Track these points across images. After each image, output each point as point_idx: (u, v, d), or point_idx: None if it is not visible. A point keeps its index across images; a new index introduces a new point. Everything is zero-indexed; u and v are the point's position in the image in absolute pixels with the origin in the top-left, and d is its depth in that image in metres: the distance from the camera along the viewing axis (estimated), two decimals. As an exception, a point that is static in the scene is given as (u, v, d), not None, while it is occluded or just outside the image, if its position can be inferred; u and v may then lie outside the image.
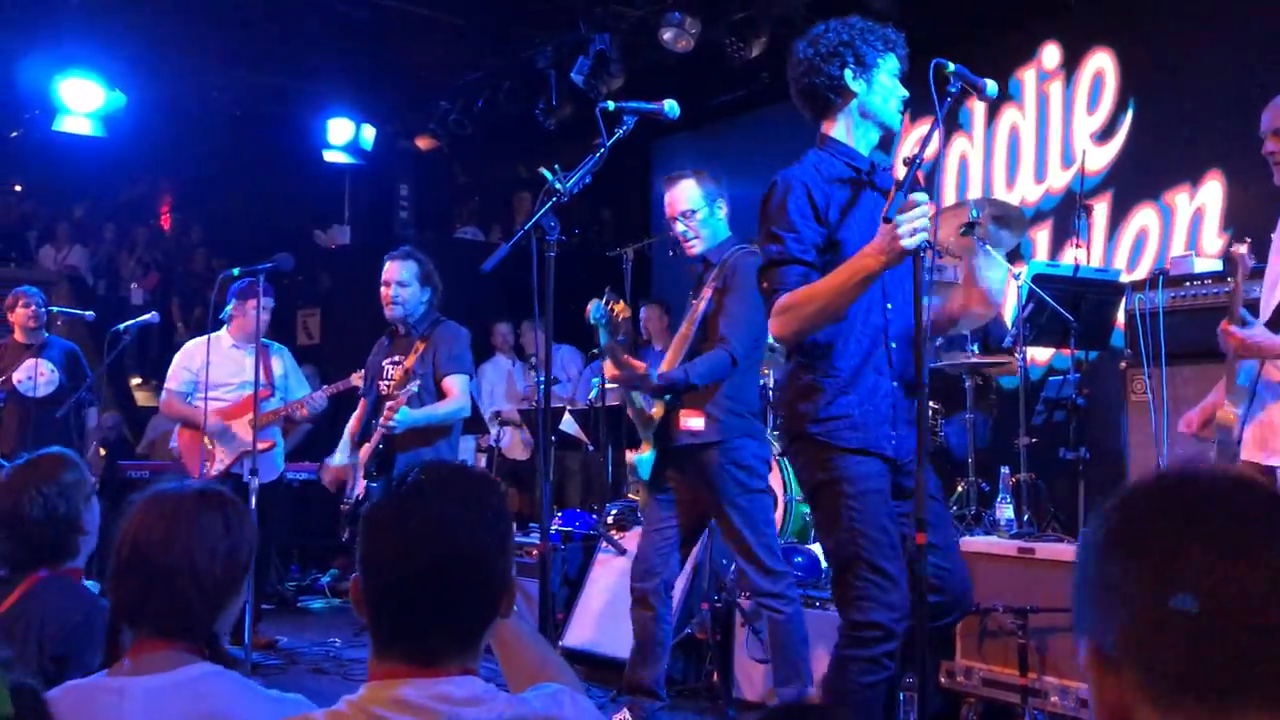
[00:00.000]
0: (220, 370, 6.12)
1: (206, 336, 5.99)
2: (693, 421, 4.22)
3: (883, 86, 3.03)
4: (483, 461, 8.59)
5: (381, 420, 4.88)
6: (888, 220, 2.57)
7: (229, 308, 6.25)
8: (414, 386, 4.87)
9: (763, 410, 6.53)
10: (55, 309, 7.30)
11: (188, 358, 6.30)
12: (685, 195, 4.27)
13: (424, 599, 1.47)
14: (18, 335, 6.94)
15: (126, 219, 13.18)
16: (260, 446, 6.04)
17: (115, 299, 11.87)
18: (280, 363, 6.34)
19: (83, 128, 8.76)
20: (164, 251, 13.14)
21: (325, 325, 10.59)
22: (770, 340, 6.03)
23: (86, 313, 7.42)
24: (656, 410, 4.36)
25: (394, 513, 1.52)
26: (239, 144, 10.33)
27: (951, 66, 2.86)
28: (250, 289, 6.02)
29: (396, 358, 5.16)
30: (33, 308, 6.88)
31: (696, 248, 4.32)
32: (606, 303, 4.17)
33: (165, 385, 6.33)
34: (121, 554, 1.88)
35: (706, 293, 4.28)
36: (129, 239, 13.00)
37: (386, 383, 5.15)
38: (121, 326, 6.62)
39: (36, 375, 6.75)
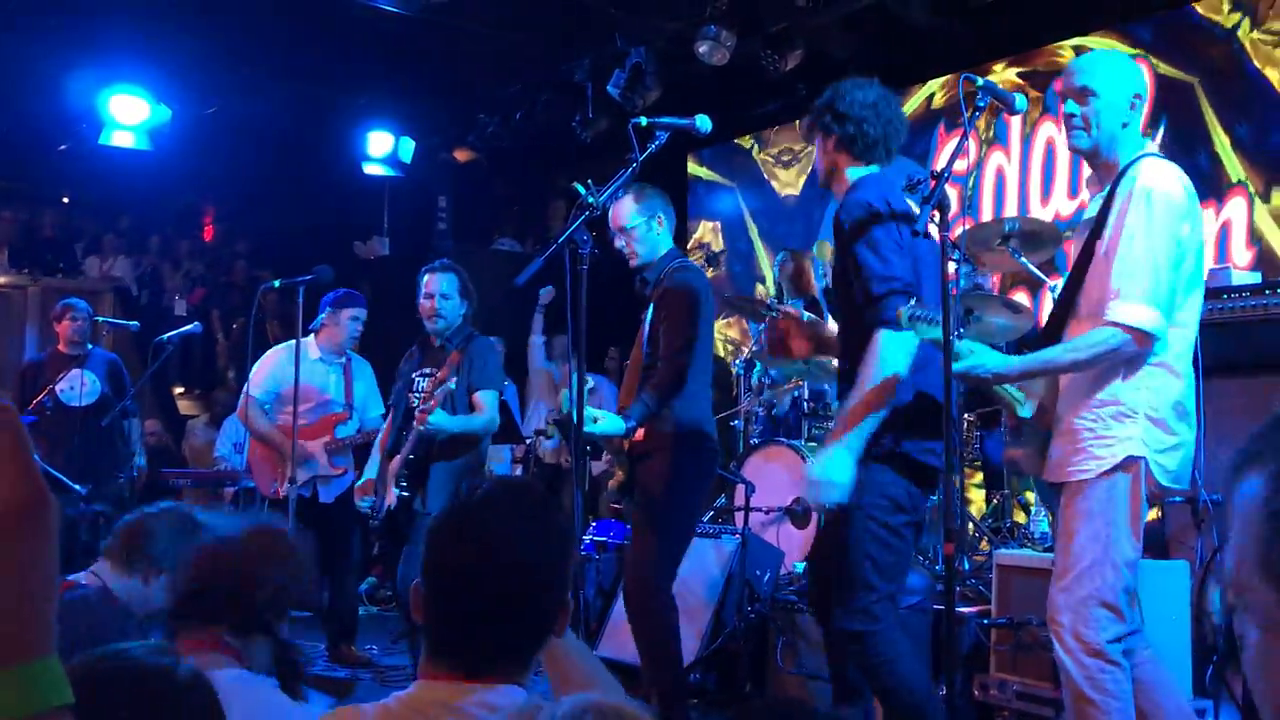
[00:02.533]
0: (304, 384, 5.96)
1: (295, 342, 5.66)
2: (641, 435, 4.20)
3: None
4: (519, 470, 8.66)
5: (416, 421, 4.90)
6: (915, 233, 2.60)
7: (321, 317, 6.11)
8: (451, 384, 4.89)
9: (796, 420, 6.56)
10: (101, 319, 7.43)
11: (275, 366, 6.09)
12: (622, 211, 4.24)
13: (482, 613, 1.52)
14: (62, 346, 7.06)
15: (171, 231, 13.39)
16: (333, 473, 6.10)
17: (158, 309, 12.05)
18: (363, 382, 6.26)
19: (129, 141, 8.94)
20: (206, 263, 13.33)
21: (364, 336, 10.67)
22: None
23: (131, 323, 7.56)
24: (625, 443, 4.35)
25: (460, 526, 1.56)
26: (280, 157, 10.47)
27: (980, 81, 2.88)
28: (346, 299, 6.02)
29: (428, 369, 5.20)
30: (80, 321, 7.00)
31: (634, 262, 4.32)
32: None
33: (246, 389, 6.11)
34: (198, 587, 2.06)
35: (649, 312, 4.28)
36: (173, 251, 13.20)
37: (417, 395, 5.18)
38: (165, 337, 6.72)
39: (80, 385, 6.86)
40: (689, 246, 9.67)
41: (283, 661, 2.12)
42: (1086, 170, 7.03)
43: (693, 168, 10.10)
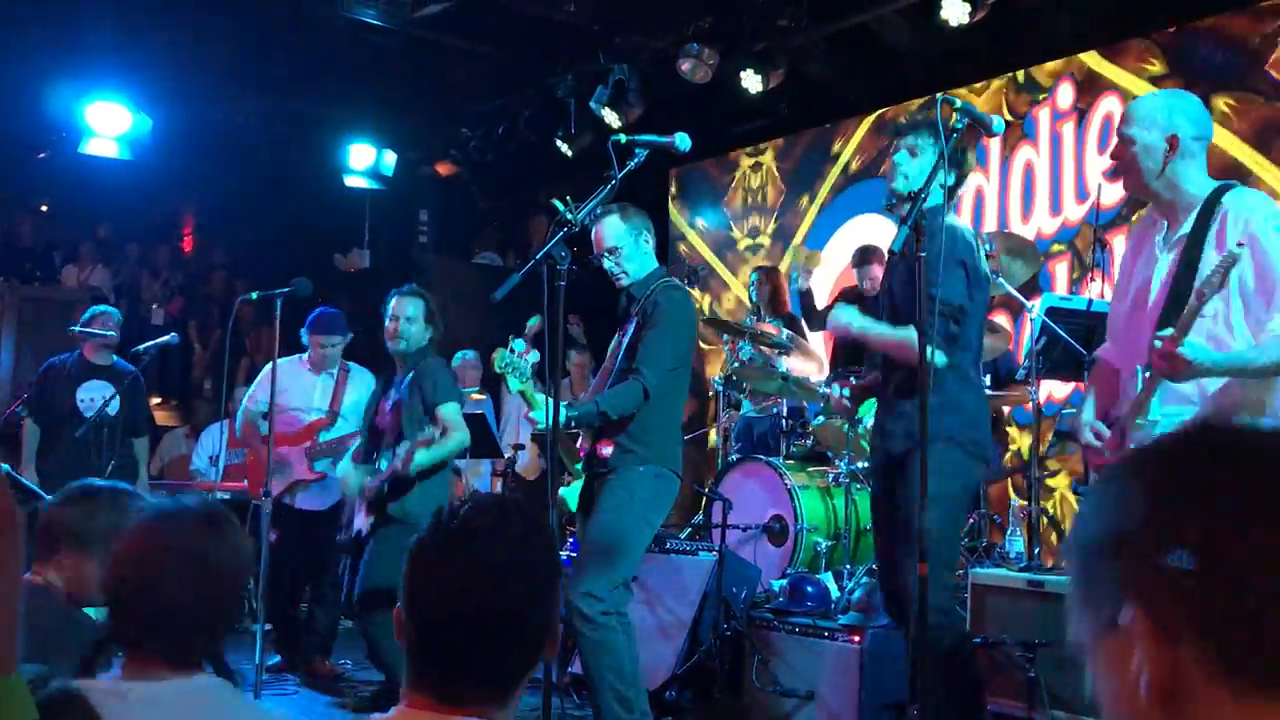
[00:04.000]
0: (295, 395, 6.12)
1: (274, 354, 5.70)
2: (604, 449, 4.20)
3: None
4: (498, 485, 8.62)
5: (402, 465, 4.91)
6: (893, 252, 2.62)
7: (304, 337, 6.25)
8: (434, 432, 4.92)
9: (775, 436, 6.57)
10: (78, 329, 7.37)
11: (265, 380, 6.15)
12: (609, 232, 4.23)
13: (466, 642, 1.46)
14: (87, 354, 6.90)
15: (149, 241, 13.33)
16: (309, 477, 6.11)
17: (136, 319, 11.98)
18: (356, 390, 6.26)
19: (108, 150, 8.90)
20: (185, 273, 13.27)
21: (347, 348, 10.65)
22: (783, 369, 6.09)
23: (109, 333, 7.48)
24: (582, 443, 4.35)
25: (442, 552, 1.50)
26: (261, 168, 10.45)
27: (958, 103, 2.91)
28: (318, 323, 6.13)
29: (390, 391, 5.30)
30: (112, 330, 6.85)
31: (623, 281, 4.32)
32: (511, 350, 4.17)
33: (244, 403, 6.33)
34: (119, 581, 1.82)
35: (629, 325, 4.28)
36: (151, 261, 13.13)
37: (380, 416, 5.29)
38: (141, 348, 6.67)
39: (99, 397, 6.74)
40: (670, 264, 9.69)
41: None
42: (1069, 189, 7.15)
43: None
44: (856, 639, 4.65)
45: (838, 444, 5.98)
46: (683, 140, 3.40)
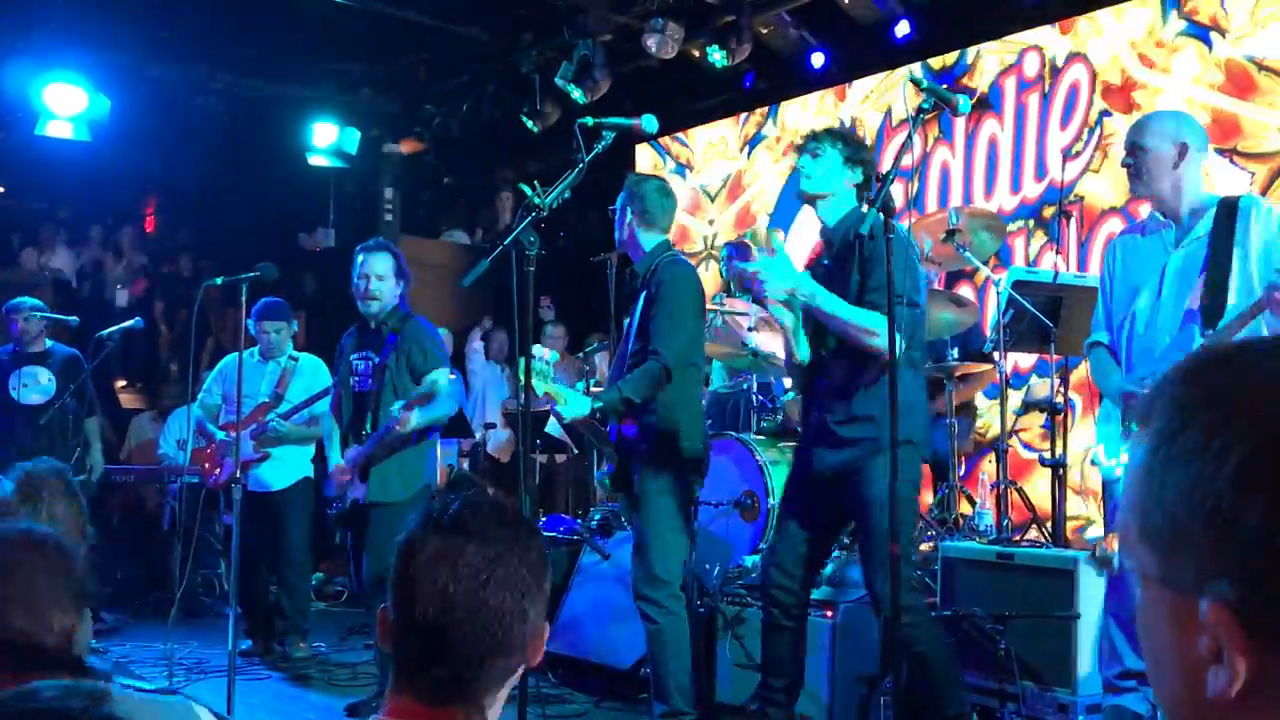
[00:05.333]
0: (245, 384, 6.11)
1: (241, 340, 5.60)
2: (631, 429, 4.24)
3: None
4: (466, 464, 8.61)
5: (399, 427, 4.83)
6: (861, 235, 2.62)
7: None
8: (428, 387, 4.86)
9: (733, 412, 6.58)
10: (39, 314, 7.28)
11: (219, 369, 6.53)
12: (620, 208, 4.34)
13: (455, 643, 1.45)
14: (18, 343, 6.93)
15: (112, 222, 13.16)
16: (254, 456, 6.12)
17: (100, 302, 11.85)
18: (303, 378, 6.29)
19: (66, 132, 8.75)
20: (149, 254, 13.12)
21: (310, 328, 10.59)
22: (753, 345, 6.10)
23: (70, 318, 7.40)
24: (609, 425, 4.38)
25: (431, 551, 1.48)
26: (223, 147, 10.33)
27: (925, 82, 2.92)
28: (263, 310, 6.20)
29: (367, 352, 5.14)
30: (26, 321, 6.86)
31: (633, 256, 4.38)
32: (530, 355, 4.19)
33: (200, 396, 6.45)
34: None
35: (637, 306, 4.30)
36: (114, 242, 12.97)
37: (356, 377, 5.14)
38: (106, 333, 6.61)
39: (31, 383, 6.75)
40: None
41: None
42: (1029, 167, 7.18)
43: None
44: (829, 613, 4.68)
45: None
46: (649, 122, 3.39)
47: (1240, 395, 0.72)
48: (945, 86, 7.24)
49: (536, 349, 3.87)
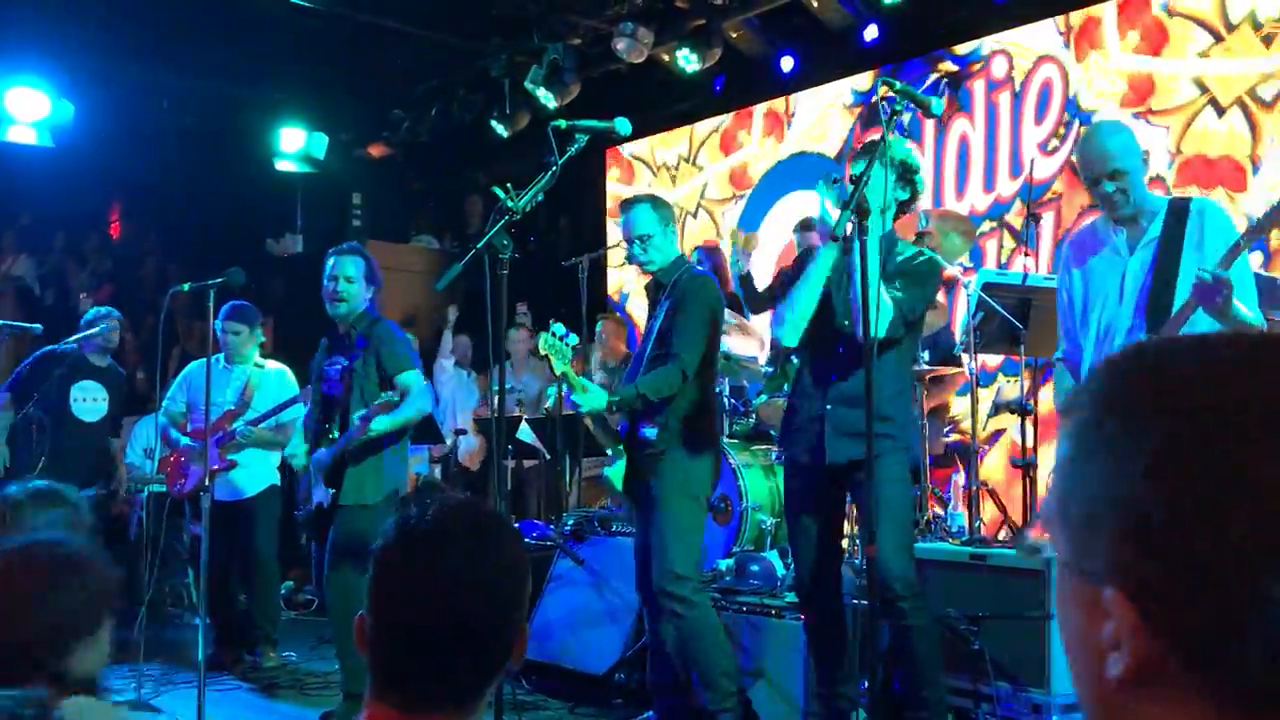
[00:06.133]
0: (213, 391, 6.06)
1: (208, 347, 5.62)
2: (647, 430, 4.33)
3: None
4: (437, 471, 8.55)
5: (359, 433, 4.82)
6: (835, 236, 2.62)
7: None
8: (394, 396, 4.84)
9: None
10: (1, 322, 7.19)
11: (181, 379, 6.46)
12: (641, 220, 4.39)
13: (434, 650, 1.42)
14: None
15: (76, 228, 13.00)
16: (220, 465, 6.04)
17: (64, 309, 11.70)
18: (269, 384, 6.26)
19: (29, 138, 8.65)
20: (114, 261, 12.97)
21: (278, 335, 10.50)
22: (725, 349, 6.10)
23: (34, 326, 7.30)
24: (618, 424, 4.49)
25: (408, 557, 1.46)
26: (189, 153, 10.23)
27: (898, 85, 2.92)
28: (228, 312, 6.12)
29: (338, 357, 5.11)
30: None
31: (649, 268, 4.45)
32: (553, 334, 4.24)
33: (164, 404, 6.35)
34: None
35: (660, 312, 4.41)
36: (78, 249, 12.82)
37: (327, 382, 5.11)
38: (72, 339, 6.54)
39: (88, 398, 6.76)
40: (611, 245, 9.65)
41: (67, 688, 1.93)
42: (1002, 166, 7.23)
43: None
44: (804, 616, 4.68)
45: (779, 422, 6.00)
46: (622, 125, 3.39)
47: (1158, 389, 0.73)
48: (961, 70, 7.34)
49: (558, 326, 3.93)
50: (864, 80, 8.14)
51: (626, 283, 9.50)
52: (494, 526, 1.52)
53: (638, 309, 8.96)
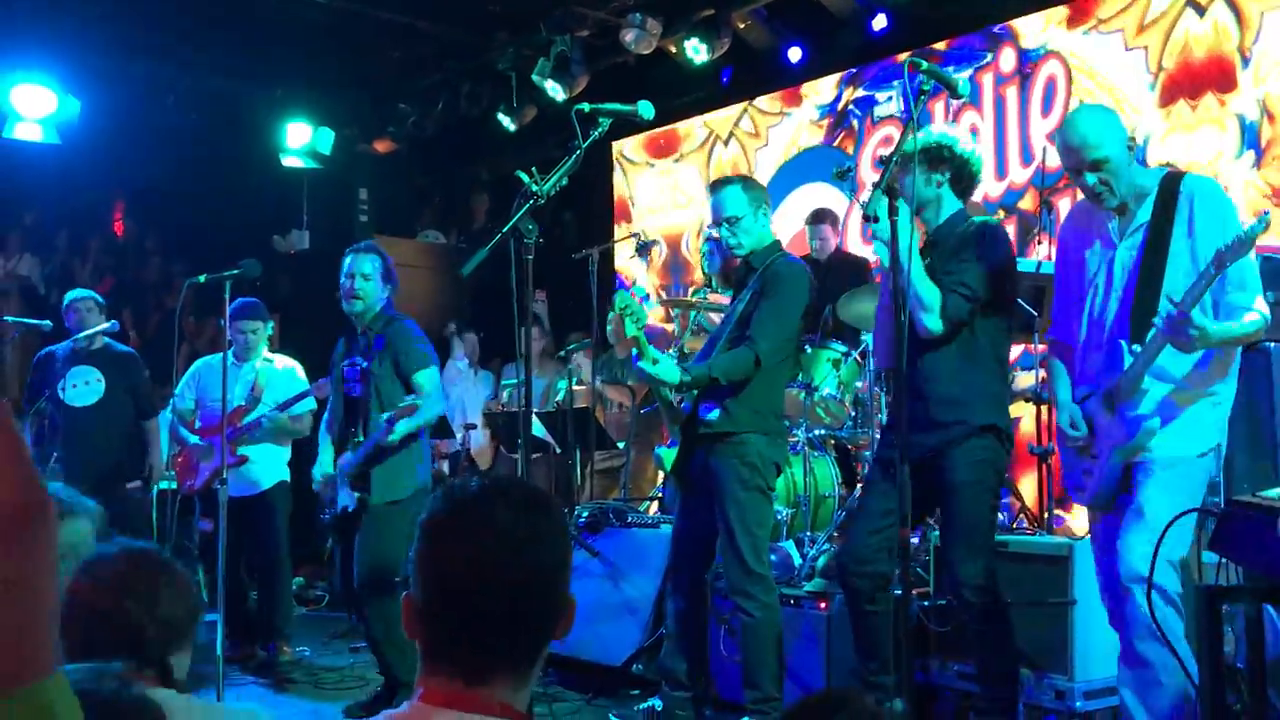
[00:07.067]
0: (218, 388, 5.98)
1: (226, 341, 5.63)
2: (708, 411, 4.26)
3: None
4: (445, 467, 8.52)
5: (384, 435, 4.80)
6: (870, 217, 2.60)
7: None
8: (416, 399, 4.82)
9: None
10: (9, 319, 7.16)
11: (192, 373, 6.43)
12: (731, 201, 4.31)
13: (486, 616, 1.43)
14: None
15: (80, 226, 12.98)
16: (230, 461, 6.01)
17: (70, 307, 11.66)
18: (278, 379, 6.23)
19: (35, 134, 8.61)
20: (118, 259, 12.94)
21: (284, 332, 10.47)
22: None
23: (44, 322, 7.28)
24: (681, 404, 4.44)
25: (456, 526, 1.46)
26: (195, 149, 10.19)
27: (925, 65, 2.89)
28: (237, 310, 5.99)
29: (355, 358, 5.09)
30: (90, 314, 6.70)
31: (739, 251, 4.37)
32: (631, 294, 4.21)
33: (173, 401, 6.32)
34: (69, 613, 1.89)
35: (745, 294, 4.34)
36: (82, 247, 12.79)
37: (347, 383, 5.10)
38: (81, 336, 6.51)
39: (80, 383, 6.60)
40: (619, 239, 9.63)
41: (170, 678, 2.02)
42: (1014, 153, 7.21)
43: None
44: (823, 605, 4.67)
45: (795, 412, 5.98)
46: (645, 108, 3.37)
47: None
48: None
49: (636, 286, 3.89)
50: (828, 91, 8.22)
51: (639, 277, 9.47)
52: (537, 495, 1.53)
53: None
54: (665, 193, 9.57)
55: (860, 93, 8.11)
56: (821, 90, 8.29)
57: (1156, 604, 3.13)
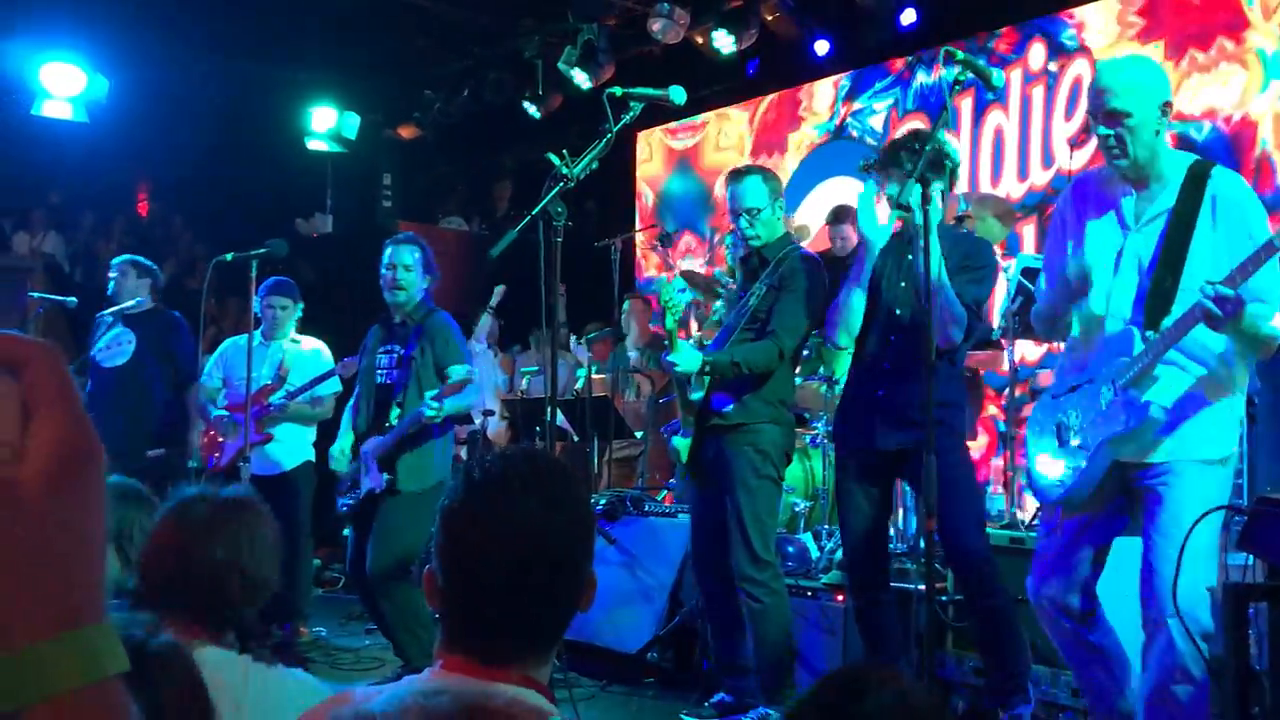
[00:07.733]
0: (245, 367, 6.04)
1: (251, 320, 5.80)
2: (722, 402, 4.29)
3: None
4: (463, 452, 8.52)
5: (428, 413, 4.81)
6: (903, 205, 2.59)
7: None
8: (464, 374, 4.89)
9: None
10: (36, 294, 7.19)
11: (219, 353, 6.50)
12: (751, 192, 4.32)
13: (507, 593, 1.41)
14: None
15: (105, 207, 13.04)
16: (256, 439, 6.03)
17: (92, 287, 11.73)
18: (304, 359, 6.24)
19: (64, 112, 8.65)
20: (141, 239, 13.00)
21: (307, 315, 10.50)
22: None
23: (69, 298, 7.32)
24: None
25: (479, 500, 1.45)
26: (220, 131, 10.23)
27: (960, 54, 2.88)
28: (271, 287, 6.12)
29: (392, 345, 5.14)
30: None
31: (755, 242, 4.38)
32: (674, 287, 4.23)
33: (201, 380, 6.38)
34: (146, 562, 2.00)
35: (759, 287, 4.35)
36: (107, 228, 12.86)
37: (381, 371, 5.13)
38: (107, 313, 6.54)
39: (113, 345, 6.53)
40: (641, 226, 9.64)
41: (250, 637, 2.06)
42: (1035, 155, 7.17)
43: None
44: (840, 598, 4.67)
45: (814, 405, 5.98)
46: (677, 93, 3.37)
47: None
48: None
49: (679, 279, 3.91)
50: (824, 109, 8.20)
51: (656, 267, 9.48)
52: (558, 470, 1.52)
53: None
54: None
55: (856, 105, 8.14)
56: (818, 110, 8.25)
57: (1186, 639, 2.90)
